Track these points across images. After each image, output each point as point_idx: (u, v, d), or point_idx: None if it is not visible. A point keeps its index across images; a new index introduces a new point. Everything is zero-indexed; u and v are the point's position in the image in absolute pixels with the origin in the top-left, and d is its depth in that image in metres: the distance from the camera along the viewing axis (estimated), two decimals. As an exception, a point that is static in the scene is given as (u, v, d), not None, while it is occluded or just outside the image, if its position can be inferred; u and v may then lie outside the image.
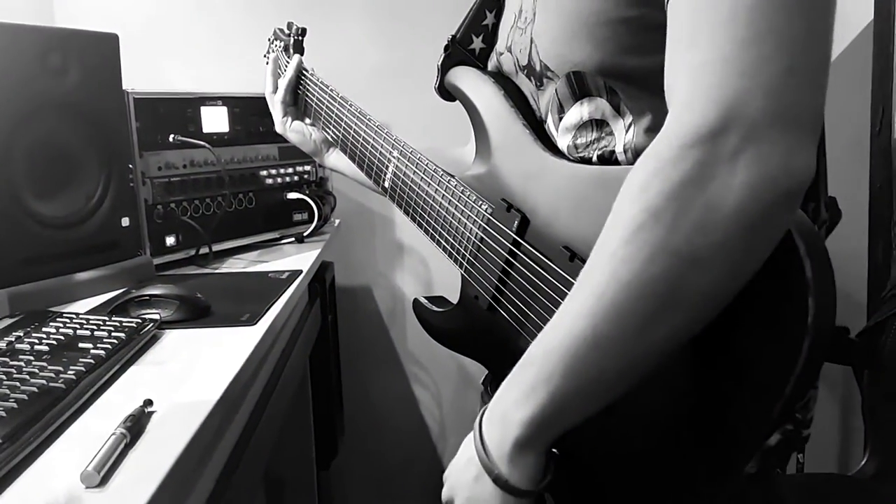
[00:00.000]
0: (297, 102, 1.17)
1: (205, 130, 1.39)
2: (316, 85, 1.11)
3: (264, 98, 1.35)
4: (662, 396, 0.57)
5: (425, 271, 1.91)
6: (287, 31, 1.25)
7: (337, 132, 1.06)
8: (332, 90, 1.08)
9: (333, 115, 1.06)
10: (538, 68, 0.72)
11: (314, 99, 1.11)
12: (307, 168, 1.60)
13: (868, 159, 1.62)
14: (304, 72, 1.15)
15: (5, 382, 0.68)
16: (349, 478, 1.99)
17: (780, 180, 0.46)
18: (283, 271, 1.28)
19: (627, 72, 0.64)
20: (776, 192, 0.46)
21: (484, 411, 0.60)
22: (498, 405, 0.58)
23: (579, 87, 0.68)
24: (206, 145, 1.34)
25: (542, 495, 0.59)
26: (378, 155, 0.97)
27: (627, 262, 0.49)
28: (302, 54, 1.20)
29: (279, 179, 1.54)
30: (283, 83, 1.16)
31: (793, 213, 0.49)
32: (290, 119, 1.18)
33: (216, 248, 1.38)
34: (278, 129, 1.19)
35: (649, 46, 0.62)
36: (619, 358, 0.51)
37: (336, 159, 1.15)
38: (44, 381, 0.68)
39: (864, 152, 1.56)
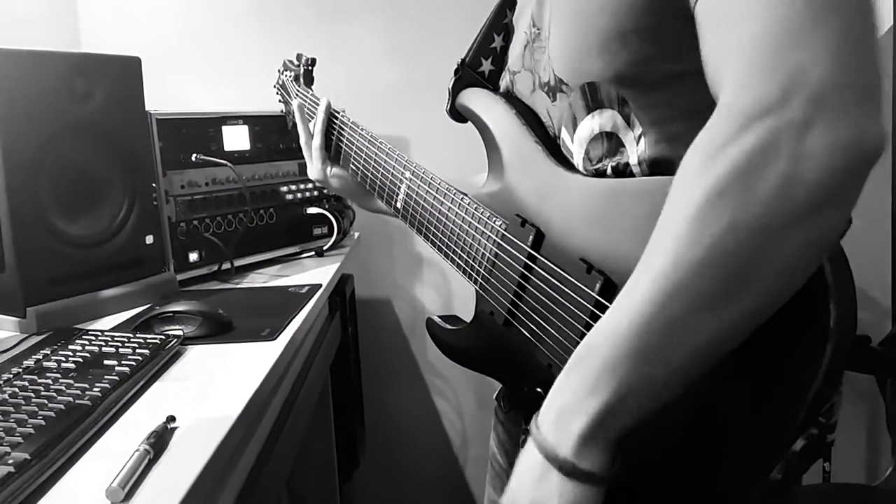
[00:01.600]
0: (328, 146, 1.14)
1: (226, 149, 1.42)
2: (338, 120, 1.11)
3: (284, 116, 1.38)
4: (686, 405, 0.57)
5: (445, 283, 1.92)
6: (296, 62, 1.27)
7: (349, 157, 1.07)
8: (343, 115, 1.09)
9: (344, 139, 1.07)
10: (553, 83, 0.73)
11: (335, 133, 1.11)
12: (326, 183, 1.62)
13: (890, 166, 1.60)
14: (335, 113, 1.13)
15: (34, 400, 0.70)
16: (371, 489, 2.00)
17: (854, 148, 0.45)
18: (303, 285, 1.29)
19: (640, 80, 0.65)
20: (851, 161, 0.45)
21: (535, 418, 0.57)
22: (559, 399, 0.55)
23: (592, 98, 0.69)
24: (228, 163, 1.37)
25: None
26: (390, 176, 0.98)
27: (697, 241, 0.48)
28: (312, 84, 1.21)
29: (299, 195, 1.56)
30: (319, 127, 1.13)
31: (863, 183, 0.47)
32: (329, 165, 1.14)
33: (238, 263, 1.40)
34: (316, 176, 1.15)
35: (661, 56, 0.63)
36: (695, 340, 0.50)
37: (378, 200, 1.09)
38: (70, 399, 0.70)
39: (886, 159, 1.54)
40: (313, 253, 1.58)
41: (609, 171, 0.70)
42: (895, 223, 1.60)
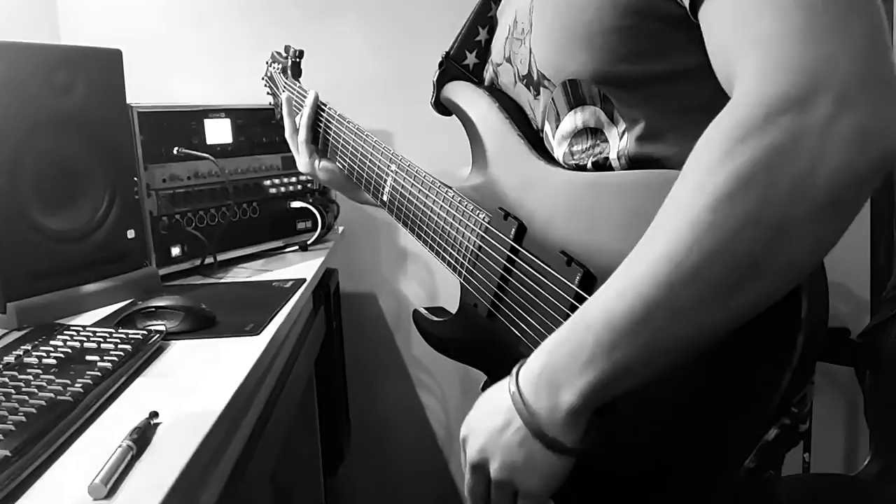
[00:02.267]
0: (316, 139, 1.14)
1: (208, 142, 1.41)
2: (325, 113, 1.11)
3: (266, 109, 1.37)
4: (660, 393, 0.58)
5: (429, 276, 1.92)
6: (284, 55, 1.26)
7: (336, 150, 1.06)
8: (330, 108, 1.09)
9: (332, 132, 1.07)
10: (535, 77, 0.73)
11: (322, 126, 1.11)
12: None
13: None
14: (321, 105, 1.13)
15: (14, 396, 0.69)
16: (356, 483, 2.00)
17: (877, 144, 0.46)
18: (287, 280, 1.29)
19: (621, 79, 0.65)
20: (873, 157, 0.46)
21: (519, 370, 0.58)
22: (547, 369, 0.56)
23: (574, 95, 0.69)
24: (210, 157, 1.36)
25: None
26: (376, 169, 0.98)
27: (713, 230, 0.47)
28: (300, 76, 1.20)
29: (282, 189, 1.55)
30: (304, 121, 1.12)
31: (877, 182, 0.48)
32: (317, 158, 1.14)
33: (221, 257, 1.39)
34: (305, 169, 1.15)
35: (643, 54, 0.63)
36: (695, 327, 0.50)
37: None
38: (52, 395, 0.70)
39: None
40: (297, 247, 1.57)
41: (589, 165, 0.70)
42: (874, 216, 1.62)
